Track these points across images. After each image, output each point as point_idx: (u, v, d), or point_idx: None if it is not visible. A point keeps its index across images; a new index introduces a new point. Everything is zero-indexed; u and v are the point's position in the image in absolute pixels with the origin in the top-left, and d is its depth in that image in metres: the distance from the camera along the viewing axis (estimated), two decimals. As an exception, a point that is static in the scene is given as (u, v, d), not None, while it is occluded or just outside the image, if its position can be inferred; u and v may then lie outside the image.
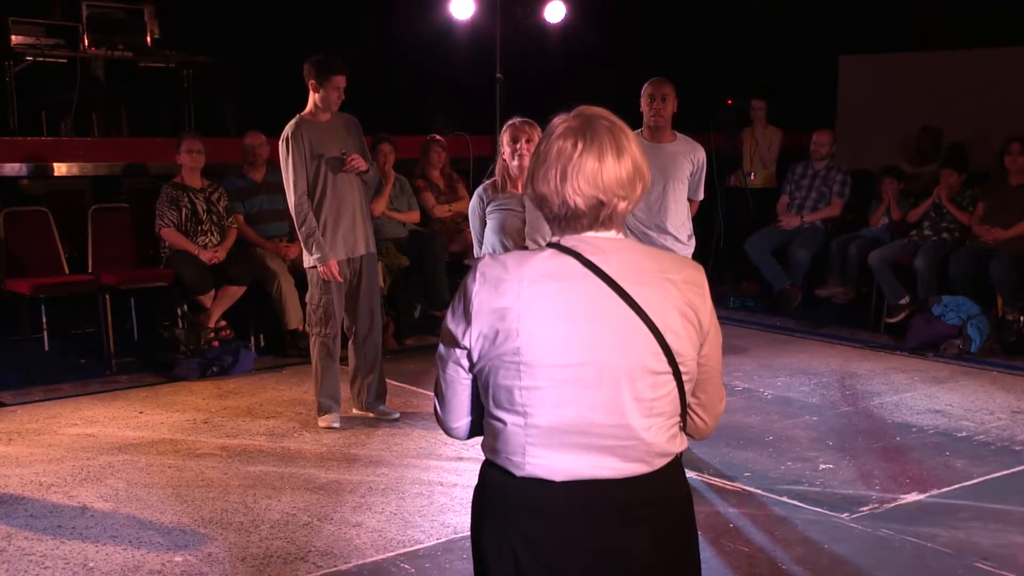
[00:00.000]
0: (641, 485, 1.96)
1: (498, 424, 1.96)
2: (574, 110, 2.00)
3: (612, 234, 1.96)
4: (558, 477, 1.93)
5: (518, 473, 1.95)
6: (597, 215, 1.94)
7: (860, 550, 4.05)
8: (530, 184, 1.99)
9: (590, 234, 1.95)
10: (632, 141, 1.97)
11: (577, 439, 1.92)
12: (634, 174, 1.94)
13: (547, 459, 1.93)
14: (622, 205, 1.94)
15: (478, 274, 1.94)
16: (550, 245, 1.97)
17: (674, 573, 2.06)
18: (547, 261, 1.93)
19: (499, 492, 2.00)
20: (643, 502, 1.97)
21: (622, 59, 9.83)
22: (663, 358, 1.91)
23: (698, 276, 1.99)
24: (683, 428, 2.04)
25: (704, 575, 3.86)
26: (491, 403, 1.97)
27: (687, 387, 1.98)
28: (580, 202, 1.92)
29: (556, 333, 1.89)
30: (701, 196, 5.31)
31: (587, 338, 1.89)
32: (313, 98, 5.40)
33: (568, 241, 1.95)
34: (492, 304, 1.90)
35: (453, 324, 1.97)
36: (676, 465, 2.04)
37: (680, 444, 2.02)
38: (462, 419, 2.08)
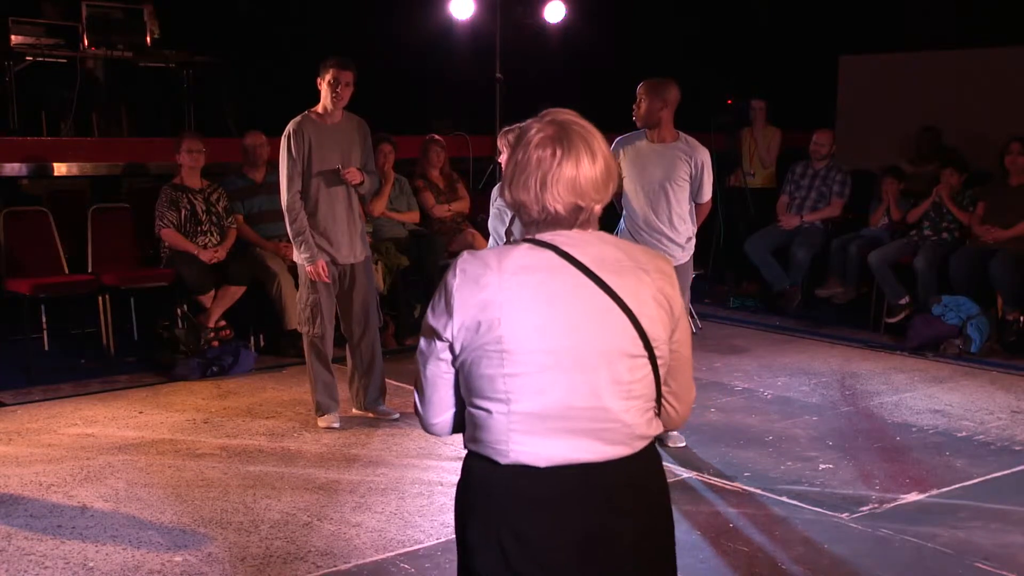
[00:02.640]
0: (623, 468, 2.02)
1: (482, 413, 2.00)
2: (545, 116, 2.05)
3: (584, 232, 2.05)
4: (542, 463, 1.98)
5: (503, 461, 1.99)
6: (576, 218, 2.02)
7: (860, 550, 4.05)
8: (508, 191, 2.05)
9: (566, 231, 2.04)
10: (602, 142, 2.05)
11: (560, 424, 1.97)
12: (607, 174, 2.03)
13: (531, 445, 1.97)
14: (598, 208, 2.04)
15: (458, 271, 2.01)
16: (526, 240, 2.04)
17: (656, 556, 2.12)
18: (525, 254, 2.00)
19: (484, 483, 2.03)
20: (627, 485, 2.03)
21: (622, 59, 9.84)
22: (639, 342, 1.99)
23: (668, 267, 2.08)
24: (657, 414, 2.10)
25: (704, 575, 3.87)
26: (474, 394, 2.01)
27: (661, 372, 2.05)
28: (560, 208, 2.00)
29: (537, 321, 1.95)
30: (705, 199, 5.20)
31: (567, 324, 1.96)
32: (321, 97, 5.41)
33: (544, 236, 2.02)
34: (474, 297, 1.97)
35: (434, 319, 2.03)
36: (654, 450, 2.11)
37: (656, 428, 2.09)
38: (442, 414, 2.11)
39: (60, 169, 7.90)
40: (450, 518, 4.31)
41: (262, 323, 7.35)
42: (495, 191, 4.78)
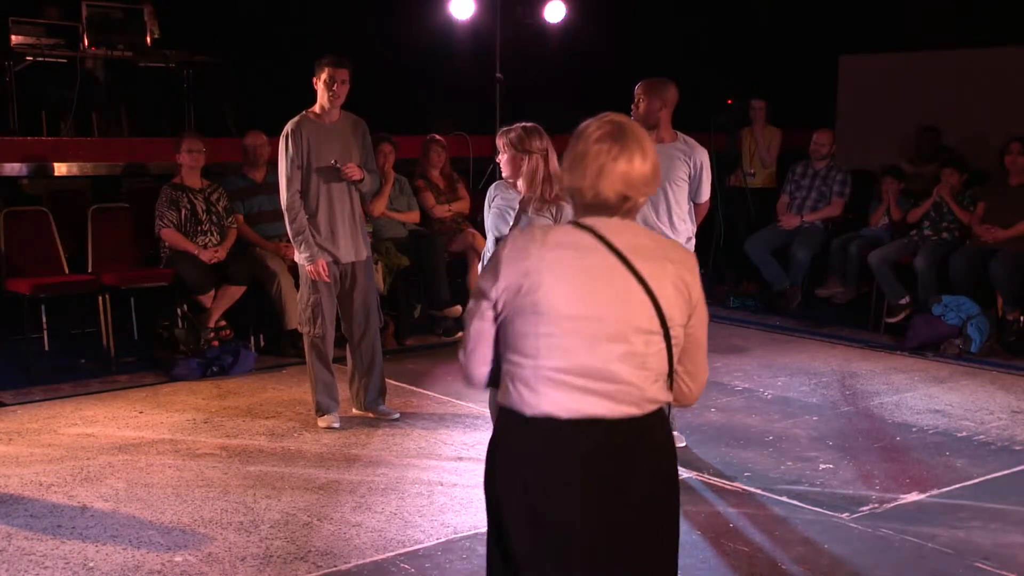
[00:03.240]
0: (634, 426, 2.28)
1: (515, 368, 2.29)
2: (604, 117, 2.35)
3: (622, 219, 2.33)
4: (564, 414, 2.25)
5: (529, 412, 2.27)
6: (622, 206, 2.31)
7: (860, 550, 4.05)
8: (566, 176, 2.35)
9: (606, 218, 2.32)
10: (652, 144, 2.35)
11: (580, 381, 2.25)
12: (654, 173, 2.34)
13: (555, 397, 2.25)
14: (641, 200, 2.33)
15: (509, 242, 2.32)
16: (570, 223, 2.34)
17: (661, 518, 2.37)
18: (567, 233, 2.31)
19: (513, 433, 2.31)
20: (637, 441, 2.29)
21: (622, 59, 9.83)
22: (656, 321, 2.26)
23: (690, 260, 2.36)
24: (670, 388, 2.36)
25: (704, 575, 3.87)
26: (509, 349, 2.30)
27: (674, 351, 2.32)
28: (611, 196, 2.29)
29: (568, 290, 2.24)
30: (704, 199, 5.20)
31: (595, 296, 2.24)
32: (318, 97, 5.41)
33: (586, 221, 2.32)
34: (517, 264, 2.26)
35: (484, 281, 2.33)
36: (663, 416, 2.36)
37: (666, 396, 2.35)
38: (483, 367, 2.37)
39: (60, 169, 7.90)
40: (450, 518, 4.34)
41: (262, 323, 7.35)
42: (492, 190, 4.74)
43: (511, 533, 2.31)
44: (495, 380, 2.38)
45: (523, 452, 2.29)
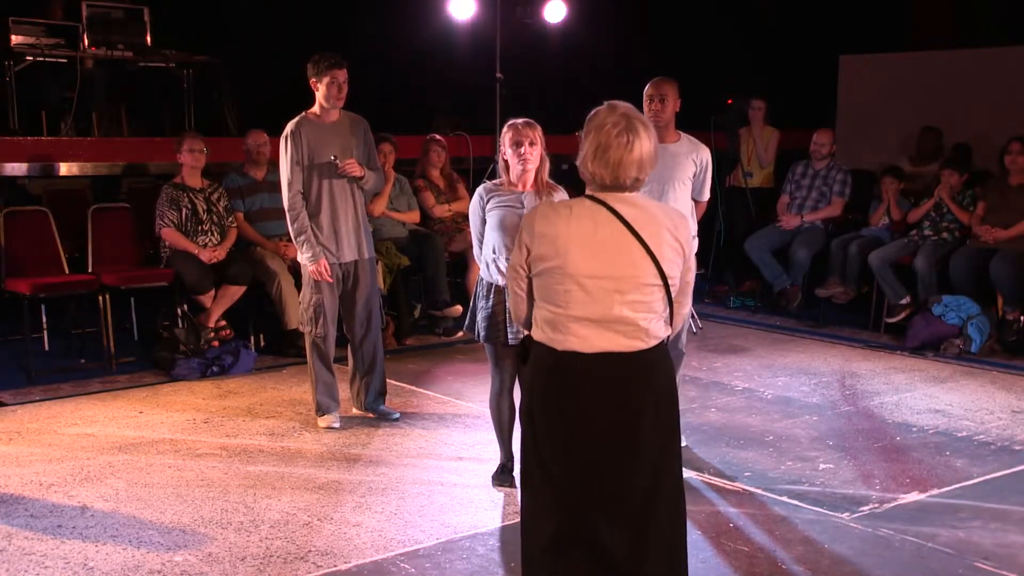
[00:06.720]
0: (641, 356, 2.85)
1: (548, 314, 2.87)
2: (616, 109, 2.84)
3: (629, 193, 2.87)
4: (586, 350, 2.82)
5: (559, 348, 2.85)
6: (631, 185, 2.86)
7: (860, 550, 4.05)
8: (589, 164, 2.84)
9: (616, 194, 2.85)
10: (651, 124, 2.89)
11: (599, 325, 2.81)
12: (656, 151, 2.89)
13: (579, 336, 2.82)
14: (644, 177, 2.88)
15: (538, 217, 2.88)
16: (586, 196, 2.88)
17: (666, 423, 2.91)
18: (585, 207, 2.86)
19: (546, 363, 2.88)
20: (644, 368, 2.86)
21: (622, 59, 9.83)
22: (657, 276, 2.83)
23: (681, 220, 2.94)
24: (670, 324, 2.94)
25: (704, 575, 3.87)
26: (543, 300, 2.89)
27: (672, 294, 2.89)
28: (627, 181, 2.84)
29: (588, 255, 2.80)
30: (706, 197, 5.22)
31: (608, 259, 2.80)
32: (317, 98, 5.40)
33: (599, 195, 2.86)
34: (546, 236, 2.83)
35: (519, 250, 2.91)
36: (664, 348, 2.93)
37: (666, 331, 2.93)
38: (524, 314, 2.98)
39: (60, 169, 7.90)
40: (450, 518, 4.35)
41: (262, 323, 7.35)
42: (483, 193, 4.55)
43: (543, 441, 2.88)
44: (529, 323, 2.98)
45: (554, 377, 2.86)
